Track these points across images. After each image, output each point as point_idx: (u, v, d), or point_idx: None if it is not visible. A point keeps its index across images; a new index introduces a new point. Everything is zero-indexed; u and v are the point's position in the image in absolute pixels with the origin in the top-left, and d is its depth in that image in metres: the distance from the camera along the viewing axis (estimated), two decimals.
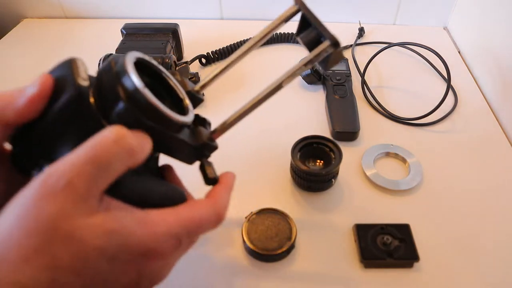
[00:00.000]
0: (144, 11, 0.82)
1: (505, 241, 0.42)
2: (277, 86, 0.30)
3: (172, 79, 0.31)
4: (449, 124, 0.57)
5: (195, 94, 0.33)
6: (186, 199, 0.29)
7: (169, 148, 0.29)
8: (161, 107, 0.25)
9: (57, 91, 0.24)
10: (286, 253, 0.40)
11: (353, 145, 0.53)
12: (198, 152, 0.31)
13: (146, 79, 0.28)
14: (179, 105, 0.31)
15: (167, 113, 0.26)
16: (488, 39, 0.64)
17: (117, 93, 0.24)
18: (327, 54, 0.28)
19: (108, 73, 0.25)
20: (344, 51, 0.71)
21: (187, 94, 0.32)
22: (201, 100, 0.34)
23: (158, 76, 0.30)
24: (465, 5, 0.73)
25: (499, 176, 0.49)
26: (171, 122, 0.26)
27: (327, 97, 0.58)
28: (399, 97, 0.62)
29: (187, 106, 0.30)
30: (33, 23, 0.83)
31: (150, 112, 0.25)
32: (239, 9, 0.80)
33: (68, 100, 0.24)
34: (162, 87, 0.30)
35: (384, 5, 0.78)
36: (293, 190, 0.47)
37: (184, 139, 0.28)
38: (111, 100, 0.24)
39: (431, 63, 0.68)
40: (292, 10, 0.31)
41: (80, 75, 0.25)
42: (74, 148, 0.22)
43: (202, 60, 0.68)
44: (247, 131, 0.56)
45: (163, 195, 0.28)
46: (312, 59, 0.29)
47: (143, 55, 0.29)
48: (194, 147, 0.30)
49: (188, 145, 0.29)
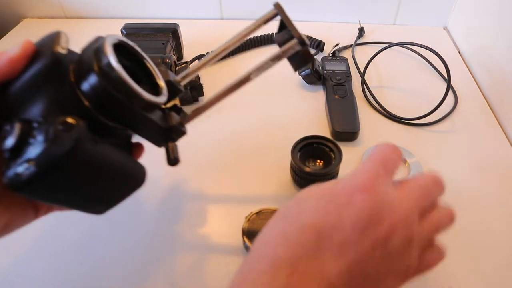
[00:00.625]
0: (144, 11, 0.82)
1: (505, 241, 0.42)
2: (245, 78, 0.33)
3: (152, 65, 0.33)
4: (449, 124, 0.57)
5: (175, 84, 0.35)
6: (145, 176, 0.32)
7: (138, 126, 0.31)
8: (131, 82, 0.27)
9: (36, 56, 0.27)
10: None
11: (353, 145, 0.53)
12: (166, 135, 0.33)
13: (127, 62, 0.31)
14: (155, 90, 0.33)
15: (136, 89, 0.28)
16: (488, 39, 0.64)
17: (92, 66, 0.26)
18: (294, 51, 0.31)
19: (89, 48, 0.28)
20: (344, 51, 0.72)
21: (167, 83, 0.34)
22: (180, 90, 0.36)
23: (140, 61, 0.33)
24: (465, 5, 0.73)
25: (499, 176, 0.49)
26: (140, 98, 0.28)
27: (327, 97, 0.58)
28: (399, 97, 0.62)
29: (161, 90, 0.33)
30: (33, 23, 0.83)
31: (120, 86, 0.27)
32: (239, 9, 0.80)
33: (44, 64, 0.26)
34: (142, 72, 0.33)
35: (384, 5, 0.78)
36: (293, 190, 0.47)
37: (152, 119, 0.31)
38: (86, 72, 0.27)
39: (431, 63, 0.68)
40: (272, 13, 0.34)
41: (60, 44, 0.27)
42: (45, 109, 0.25)
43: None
44: (247, 131, 0.56)
45: (124, 167, 0.30)
46: (279, 55, 0.31)
47: (127, 40, 0.31)
48: (163, 128, 0.32)
49: (157, 126, 0.31)
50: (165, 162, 0.33)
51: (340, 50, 0.71)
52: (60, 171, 0.25)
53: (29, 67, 0.26)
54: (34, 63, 0.26)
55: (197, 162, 0.51)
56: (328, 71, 0.62)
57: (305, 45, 0.31)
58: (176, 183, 0.49)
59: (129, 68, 0.29)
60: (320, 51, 0.71)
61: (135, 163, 0.32)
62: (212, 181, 0.49)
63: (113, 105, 0.28)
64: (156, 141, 0.33)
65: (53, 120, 0.25)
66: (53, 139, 0.24)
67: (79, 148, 0.25)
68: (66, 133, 0.24)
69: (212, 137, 0.55)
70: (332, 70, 0.62)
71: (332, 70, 0.62)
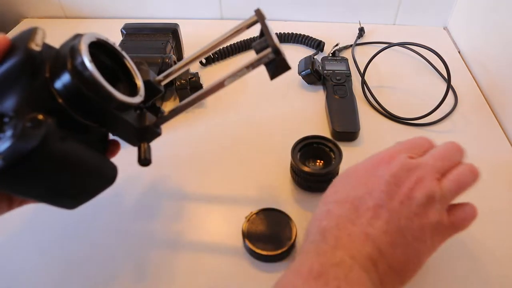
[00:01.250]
0: (144, 11, 0.82)
1: (505, 241, 0.42)
2: (219, 84, 0.33)
3: (131, 64, 0.34)
4: (449, 124, 0.57)
5: (154, 84, 0.35)
6: (116, 174, 0.33)
7: (111, 125, 0.32)
8: (103, 83, 0.28)
9: (11, 51, 0.27)
10: (286, 253, 0.40)
11: (353, 145, 0.53)
12: (140, 135, 0.33)
13: (108, 60, 0.32)
14: (134, 89, 0.33)
15: (109, 89, 0.28)
16: (488, 39, 0.64)
17: (66, 64, 0.27)
18: (269, 60, 0.31)
19: (66, 45, 0.29)
20: (344, 51, 0.72)
21: (146, 83, 0.34)
22: (159, 90, 0.36)
23: (120, 60, 0.33)
24: (465, 5, 0.73)
25: (499, 176, 0.49)
26: (112, 99, 0.29)
27: (327, 97, 0.58)
28: (399, 97, 0.62)
29: (138, 90, 0.33)
30: (33, 23, 0.83)
31: (92, 86, 0.27)
32: (239, 9, 0.80)
33: (17, 59, 0.27)
34: (122, 70, 0.33)
35: (384, 5, 0.78)
36: (293, 190, 0.47)
37: (126, 119, 0.31)
38: (60, 69, 0.27)
39: (431, 63, 0.68)
40: (253, 19, 0.34)
41: (34, 41, 0.28)
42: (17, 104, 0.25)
43: (202, 60, 0.68)
44: (247, 131, 0.56)
45: (92, 165, 0.31)
46: (253, 63, 0.32)
47: (107, 39, 0.32)
48: (136, 128, 0.32)
49: (130, 126, 0.32)
50: (165, 163, 0.33)
51: (340, 50, 0.71)
52: (27, 166, 0.26)
53: (3, 62, 0.27)
54: (8, 58, 0.27)
55: (197, 162, 0.51)
56: (328, 71, 0.62)
57: (280, 54, 0.31)
58: (176, 183, 0.49)
59: (109, 67, 0.30)
60: (320, 51, 0.71)
61: (105, 162, 0.32)
62: (212, 181, 0.49)
63: (86, 104, 0.28)
64: (130, 140, 0.34)
65: (24, 116, 0.25)
66: (20, 135, 0.25)
67: (46, 145, 0.25)
68: (34, 129, 0.25)
69: (212, 137, 0.55)
70: (332, 70, 0.62)
71: (332, 70, 0.62)
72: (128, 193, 0.47)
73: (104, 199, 0.45)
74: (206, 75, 0.64)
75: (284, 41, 0.74)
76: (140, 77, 0.34)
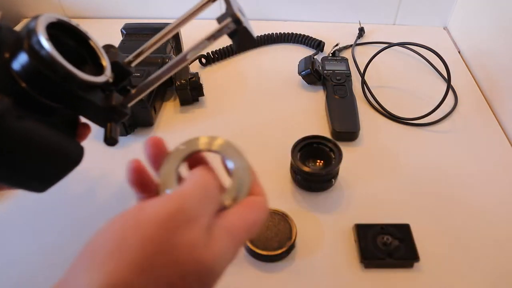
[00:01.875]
0: (144, 11, 0.82)
1: (505, 240, 0.42)
2: (182, 57, 0.32)
3: (96, 45, 0.33)
4: (449, 124, 0.57)
5: (123, 65, 0.35)
6: (82, 155, 0.32)
7: (76, 106, 0.31)
8: (62, 61, 0.27)
9: None
10: (286, 253, 0.40)
11: (353, 145, 0.53)
12: (107, 115, 0.33)
13: (72, 42, 0.31)
14: (100, 70, 0.32)
15: (69, 68, 0.28)
16: (488, 39, 0.64)
17: (22, 44, 0.27)
18: (230, 30, 0.30)
19: (25, 27, 0.28)
20: (344, 51, 0.71)
21: (113, 65, 0.34)
22: (129, 72, 0.36)
23: (85, 42, 0.32)
24: (465, 5, 0.73)
25: (499, 176, 0.49)
26: (74, 78, 0.28)
27: (327, 97, 0.58)
28: (399, 97, 0.62)
29: (104, 70, 0.32)
30: None
31: (50, 65, 0.27)
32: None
33: None
34: (88, 52, 0.33)
35: (384, 5, 0.78)
36: (293, 190, 0.47)
37: (89, 99, 0.30)
38: (18, 50, 0.27)
39: (431, 63, 0.68)
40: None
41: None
42: None
43: (202, 60, 0.68)
44: (247, 131, 0.56)
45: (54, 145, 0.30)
46: (214, 34, 0.30)
47: (68, 20, 0.31)
48: (102, 108, 0.32)
49: (96, 106, 0.31)
50: None
51: (340, 50, 0.71)
52: None
53: None
54: None
55: None
56: (328, 71, 0.62)
57: (240, 23, 0.30)
58: None
59: (73, 49, 0.29)
60: (320, 51, 0.71)
61: (69, 142, 0.32)
62: None
63: (47, 84, 0.28)
64: (97, 121, 0.33)
65: None
66: None
67: (2, 124, 0.25)
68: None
69: None
70: (332, 70, 0.62)
71: (332, 70, 0.62)
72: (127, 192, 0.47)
73: (107, 201, 0.45)
74: (206, 75, 0.64)
75: (284, 41, 0.74)
76: (107, 58, 0.34)
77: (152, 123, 0.56)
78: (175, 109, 0.59)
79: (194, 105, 0.60)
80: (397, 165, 0.51)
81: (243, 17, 0.30)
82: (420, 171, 0.50)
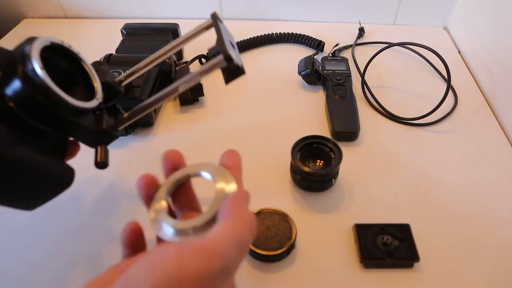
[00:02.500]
0: (144, 11, 0.82)
1: (505, 240, 0.42)
2: (173, 89, 0.32)
3: (89, 67, 0.33)
4: (449, 124, 0.57)
5: (114, 85, 0.35)
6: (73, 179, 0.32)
7: (66, 129, 0.31)
8: (55, 89, 0.27)
9: None
10: (286, 253, 0.40)
11: (353, 145, 0.53)
12: (97, 137, 0.33)
13: (65, 63, 0.31)
14: (92, 91, 0.33)
15: (62, 96, 0.28)
16: (488, 39, 0.64)
17: (17, 70, 0.26)
18: (222, 67, 0.31)
19: (17, 49, 0.28)
20: (344, 51, 0.72)
21: (104, 85, 0.34)
22: (119, 92, 0.36)
23: (77, 63, 0.33)
24: (465, 5, 0.73)
25: (499, 176, 0.49)
26: (66, 105, 0.29)
27: (327, 97, 0.58)
28: (399, 97, 0.62)
29: (96, 93, 0.33)
30: (33, 23, 0.83)
31: (43, 92, 0.27)
32: (239, 9, 0.80)
33: None
34: (80, 73, 0.33)
35: (384, 5, 0.78)
36: (293, 190, 0.47)
37: (81, 123, 0.31)
38: (11, 75, 0.27)
39: (431, 63, 0.68)
40: (208, 23, 0.34)
41: None
42: None
43: (202, 60, 0.68)
44: (247, 131, 0.56)
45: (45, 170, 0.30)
46: (206, 69, 0.31)
47: (62, 42, 0.31)
48: (93, 131, 0.32)
49: (86, 129, 0.32)
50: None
51: (340, 50, 0.71)
52: None
53: None
54: None
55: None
56: (328, 71, 0.62)
57: (232, 62, 0.30)
58: None
59: (65, 70, 0.29)
60: (320, 51, 0.71)
61: (61, 166, 0.32)
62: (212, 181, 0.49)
63: (38, 109, 0.28)
64: (87, 143, 0.34)
65: None
66: None
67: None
68: None
69: (212, 137, 0.55)
70: (332, 70, 0.62)
71: (332, 70, 0.62)
72: (128, 193, 0.47)
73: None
74: (206, 77, 0.64)
75: (284, 41, 0.74)
76: (98, 80, 0.34)
77: (152, 123, 0.56)
78: (175, 109, 0.59)
79: (194, 105, 0.60)
80: (397, 165, 0.51)
81: (234, 51, 0.31)
82: (420, 171, 0.50)
